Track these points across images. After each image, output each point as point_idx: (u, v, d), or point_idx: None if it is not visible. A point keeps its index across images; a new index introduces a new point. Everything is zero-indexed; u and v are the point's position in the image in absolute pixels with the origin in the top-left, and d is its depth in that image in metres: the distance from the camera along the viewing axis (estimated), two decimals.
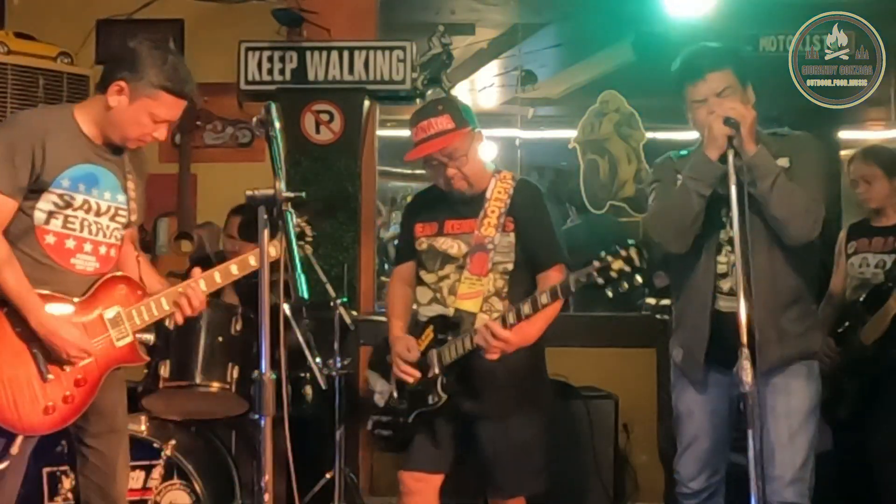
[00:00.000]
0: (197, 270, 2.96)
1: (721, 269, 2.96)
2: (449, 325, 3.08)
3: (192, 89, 2.84)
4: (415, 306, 3.29)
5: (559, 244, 3.16)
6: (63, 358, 2.72)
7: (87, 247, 2.80)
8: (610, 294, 2.73)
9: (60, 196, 2.73)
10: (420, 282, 3.23)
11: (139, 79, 2.73)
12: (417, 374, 3.09)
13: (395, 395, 3.17)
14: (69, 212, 2.75)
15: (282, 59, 4.86)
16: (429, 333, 3.12)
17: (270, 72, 4.86)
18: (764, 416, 2.82)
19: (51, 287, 2.73)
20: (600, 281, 2.73)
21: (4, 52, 4.43)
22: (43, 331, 2.68)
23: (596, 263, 2.73)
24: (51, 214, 2.73)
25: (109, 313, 2.83)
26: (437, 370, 3.06)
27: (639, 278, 2.70)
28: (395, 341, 3.17)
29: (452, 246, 3.15)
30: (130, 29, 5.11)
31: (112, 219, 2.85)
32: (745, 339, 2.54)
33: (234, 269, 3.00)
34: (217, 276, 2.96)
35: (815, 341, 3.02)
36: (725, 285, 2.95)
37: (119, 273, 2.89)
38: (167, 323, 2.94)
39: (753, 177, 2.76)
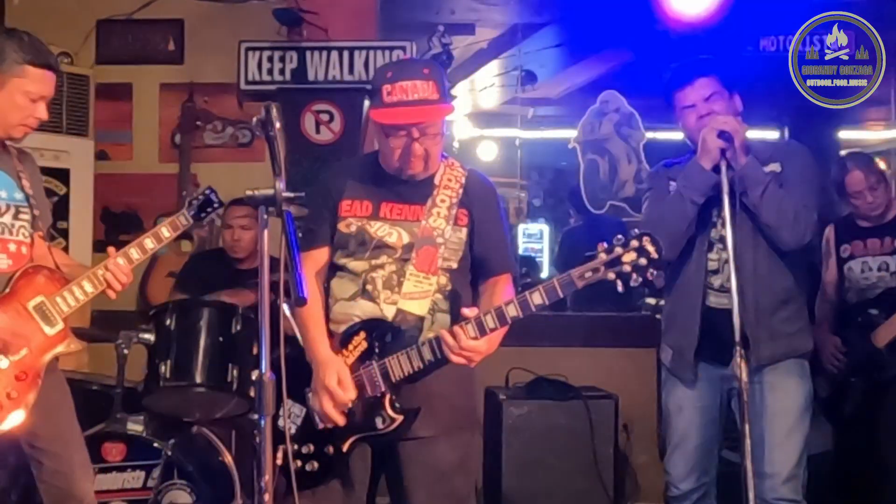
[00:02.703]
0: (112, 249, 2.94)
1: (712, 265, 3.03)
2: (387, 332, 2.61)
3: (55, 60, 2.84)
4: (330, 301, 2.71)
5: (511, 250, 2.88)
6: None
7: None
8: (620, 289, 2.44)
9: None
10: (340, 270, 2.69)
11: (2, 62, 2.73)
12: (341, 420, 2.60)
13: (318, 418, 2.63)
14: None
15: (282, 59, 4.86)
16: (360, 342, 2.63)
17: (270, 72, 4.86)
18: (758, 415, 2.87)
19: None
20: (610, 276, 2.43)
21: None
22: None
23: (603, 256, 2.43)
24: None
25: (33, 303, 2.80)
26: (382, 387, 2.60)
27: (653, 272, 2.41)
28: (322, 366, 2.59)
29: (391, 234, 2.65)
30: (130, 29, 5.12)
31: (15, 217, 2.83)
32: (738, 336, 2.64)
33: (148, 243, 2.99)
34: (134, 252, 2.95)
35: (805, 342, 3.08)
36: (716, 282, 3.02)
37: (35, 265, 2.86)
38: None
39: (745, 186, 2.87)
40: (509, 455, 4.24)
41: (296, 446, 2.64)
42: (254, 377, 2.19)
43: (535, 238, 10.10)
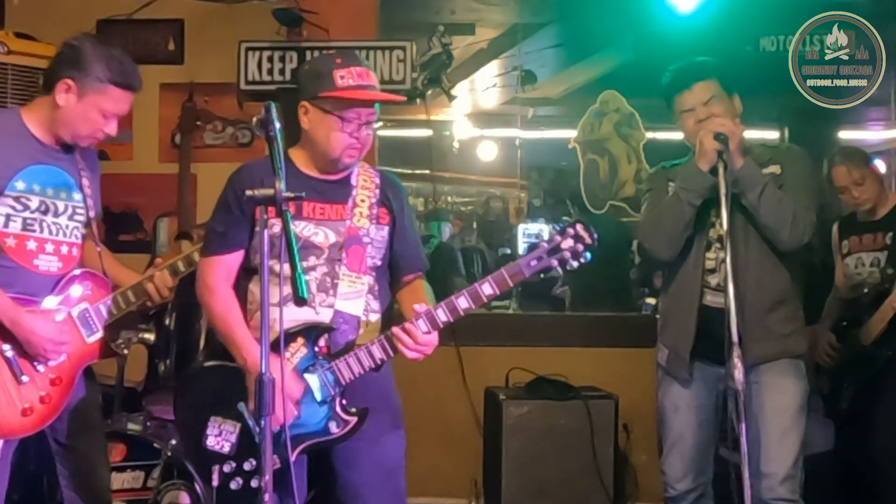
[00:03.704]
0: (159, 260, 2.99)
1: (709, 264, 3.05)
2: (326, 335, 2.61)
3: (138, 81, 2.83)
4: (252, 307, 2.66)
5: (423, 249, 2.94)
6: (40, 355, 2.71)
7: (49, 247, 2.79)
8: (560, 272, 2.58)
9: (16, 199, 2.72)
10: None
11: (86, 75, 2.72)
12: (294, 414, 2.54)
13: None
14: (27, 214, 2.74)
15: (282, 59, 4.84)
16: (298, 348, 2.58)
17: (270, 72, 4.85)
18: (754, 415, 2.88)
19: (16, 289, 2.72)
20: (553, 263, 2.57)
21: (4, 52, 4.42)
22: (17, 329, 2.67)
23: (545, 245, 2.58)
24: (9, 217, 2.72)
25: (77, 310, 2.83)
26: (332, 391, 2.59)
27: (588, 255, 2.57)
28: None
29: (317, 233, 2.62)
30: (130, 29, 5.12)
31: (70, 218, 2.85)
32: (735, 337, 2.66)
33: (196, 256, 2.98)
34: (180, 265, 2.97)
35: (799, 344, 3.10)
36: (713, 280, 3.04)
37: (84, 270, 2.89)
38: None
39: (742, 188, 2.90)
40: (509, 455, 4.24)
41: (233, 464, 2.59)
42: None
43: (534, 238, 10.07)
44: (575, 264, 2.58)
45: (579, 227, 2.58)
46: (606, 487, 4.21)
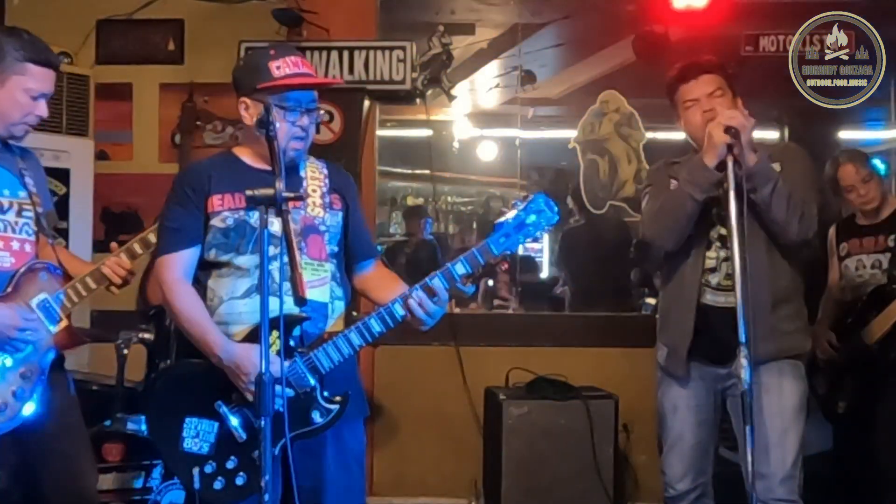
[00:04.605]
0: (115, 245, 2.96)
1: (710, 263, 3.04)
2: (299, 325, 2.56)
3: (55, 57, 2.85)
4: (215, 303, 2.63)
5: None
6: (6, 343, 2.70)
7: None
8: (525, 247, 2.60)
9: None
10: (222, 268, 2.62)
11: (2, 60, 2.74)
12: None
13: (241, 429, 2.53)
14: None
15: None
16: (273, 340, 2.46)
17: None
18: (754, 415, 2.87)
19: None
20: (520, 238, 2.59)
21: None
22: None
23: (510, 222, 2.58)
24: None
25: (36, 301, 2.81)
26: (312, 382, 2.54)
27: (550, 225, 2.61)
28: (244, 360, 2.48)
29: (273, 223, 2.46)
30: (130, 29, 5.13)
31: (18, 214, 2.83)
32: (743, 337, 2.63)
33: (152, 237, 2.95)
34: (137, 247, 2.96)
35: (802, 342, 3.09)
36: (713, 279, 3.03)
37: (38, 261, 2.87)
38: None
39: (755, 184, 2.85)
40: (509, 455, 4.24)
41: (214, 464, 2.54)
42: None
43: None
44: (539, 237, 2.63)
45: (541, 201, 2.60)
46: (606, 487, 4.21)
